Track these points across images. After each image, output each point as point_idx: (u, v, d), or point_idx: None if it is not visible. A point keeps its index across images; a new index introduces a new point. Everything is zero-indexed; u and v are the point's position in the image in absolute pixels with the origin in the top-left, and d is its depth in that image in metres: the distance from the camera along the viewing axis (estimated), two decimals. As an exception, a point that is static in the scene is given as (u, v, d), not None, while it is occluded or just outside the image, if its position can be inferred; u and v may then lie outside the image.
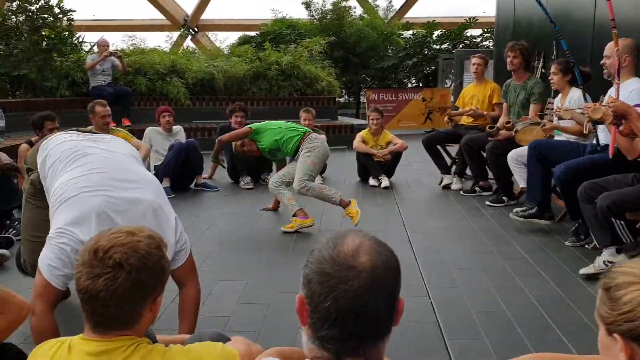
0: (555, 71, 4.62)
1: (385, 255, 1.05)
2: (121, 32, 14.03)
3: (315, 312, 1.02)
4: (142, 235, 1.38)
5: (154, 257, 1.36)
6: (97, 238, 1.36)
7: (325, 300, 0.99)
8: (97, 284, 1.29)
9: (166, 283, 1.43)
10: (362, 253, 1.03)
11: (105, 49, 8.58)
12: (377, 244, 1.07)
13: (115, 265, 1.30)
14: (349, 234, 1.08)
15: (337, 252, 1.03)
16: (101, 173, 2.29)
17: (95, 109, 5.69)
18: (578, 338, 2.66)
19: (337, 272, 1.00)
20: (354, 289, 0.99)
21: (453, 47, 13.49)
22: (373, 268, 1.01)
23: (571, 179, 3.76)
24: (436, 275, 3.53)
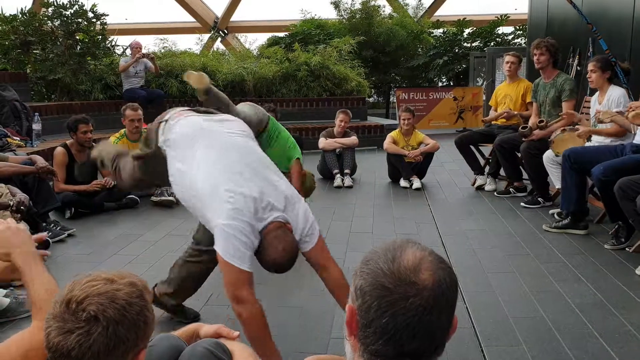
0: (594, 69, 4.48)
1: (447, 272, 1.00)
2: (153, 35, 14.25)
3: (368, 327, 0.97)
4: (122, 283, 1.20)
5: (135, 308, 1.18)
6: (71, 287, 1.18)
7: (382, 316, 0.95)
8: (68, 340, 1.12)
9: (150, 337, 1.24)
10: (424, 269, 0.98)
11: (138, 51, 8.69)
12: (439, 259, 1.02)
13: (89, 318, 1.13)
14: (408, 246, 1.03)
15: (398, 266, 0.98)
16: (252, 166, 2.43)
17: (125, 112, 5.78)
18: (622, 346, 2.57)
19: (398, 288, 0.95)
20: (415, 307, 0.94)
21: (484, 45, 13.28)
22: (435, 286, 0.96)
23: (611, 180, 3.65)
24: (471, 279, 3.46)
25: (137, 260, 3.90)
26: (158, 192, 5.49)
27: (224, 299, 3.20)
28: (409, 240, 1.05)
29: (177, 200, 5.46)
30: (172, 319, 2.96)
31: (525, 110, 5.81)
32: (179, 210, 5.32)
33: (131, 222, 4.91)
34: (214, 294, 3.30)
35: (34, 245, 1.62)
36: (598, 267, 3.60)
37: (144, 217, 5.08)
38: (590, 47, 6.25)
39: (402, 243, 1.03)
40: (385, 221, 4.81)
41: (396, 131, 6.61)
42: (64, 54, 8.83)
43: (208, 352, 1.50)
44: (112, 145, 3.05)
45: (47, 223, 4.42)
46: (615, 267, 3.59)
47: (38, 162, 4.50)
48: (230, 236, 2.22)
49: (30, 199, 4.04)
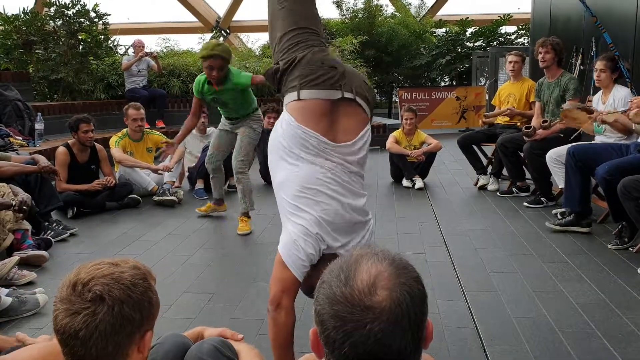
0: (604, 68, 4.42)
1: (408, 286, 0.91)
2: (155, 34, 14.25)
3: (332, 354, 0.91)
4: (126, 266, 1.24)
5: (139, 288, 1.21)
6: (77, 271, 1.22)
7: (342, 347, 0.88)
8: (75, 321, 1.15)
9: (156, 319, 1.28)
10: (379, 288, 0.89)
11: (141, 49, 8.69)
12: (397, 271, 0.92)
13: (95, 298, 1.16)
14: (363, 260, 0.93)
15: (351, 290, 0.89)
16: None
17: (128, 112, 5.80)
18: (624, 346, 2.56)
19: (353, 316, 0.88)
20: (374, 334, 0.87)
21: (487, 45, 13.24)
22: (394, 306, 0.88)
23: (615, 179, 3.63)
24: (474, 279, 3.44)
25: (139, 260, 3.89)
26: (160, 191, 5.49)
27: (225, 300, 3.21)
28: (366, 251, 0.96)
29: (179, 200, 5.48)
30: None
31: (529, 110, 5.79)
32: (181, 210, 5.33)
33: (133, 222, 4.91)
34: (216, 294, 3.29)
35: None
36: (601, 267, 3.58)
37: (146, 217, 5.08)
38: (594, 47, 6.22)
39: (358, 257, 0.95)
40: (388, 221, 4.80)
41: (398, 131, 6.60)
42: (66, 53, 8.84)
43: (214, 349, 1.52)
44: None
45: (50, 222, 4.43)
46: (619, 267, 3.58)
47: (40, 162, 4.50)
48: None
49: (32, 198, 4.04)
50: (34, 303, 3.04)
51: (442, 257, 3.88)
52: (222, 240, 4.31)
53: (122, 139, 5.79)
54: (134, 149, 5.82)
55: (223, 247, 4.15)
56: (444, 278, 3.47)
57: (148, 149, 5.95)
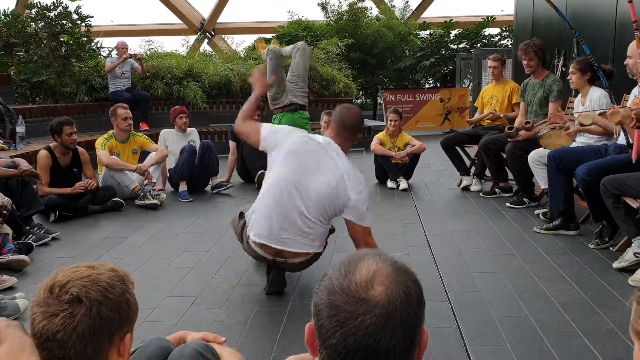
0: (574, 71, 4.54)
1: (405, 286, 0.93)
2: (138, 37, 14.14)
3: (323, 347, 0.92)
4: (103, 269, 1.24)
5: (117, 290, 1.21)
6: (54, 274, 1.22)
7: (333, 337, 0.89)
8: (53, 323, 1.14)
9: (135, 321, 1.27)
10: (377, 283, 0.91)
11: (125, 51, 8.62)
12: (397, 271, 0.94)
13: (72, 300, 1.15)
14: (365, 258, 0.95)
15: (349, 282, 0.91)
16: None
17: (117, 111, 5.77)
18: (604, 344, 2.59)
19: (347, 306, 0.89)
20: (365, 326, 0.88)
21: (471, 47, 13.34)
22: (388, 302, 0.89)
23: (594, 180, 3.68)
24: (457, 279, 3.47)
25: (121, 264, 3.86)
26: (141, 194, 5.45)
27: (208, 303, 3.19)
28: (371, 252, 0.99)
29: (161, 203, 5.44)
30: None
31: (512, 112, 5.84)
32: (164, 213, 5.30)
33: (116, 225, 4.87)
34: (199, 298, 3.28)
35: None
36: (582, 267, 3.63)
37: (129, 220, 5.04)
38: (575, 49, 6.30)
39: (361, 255, 0.97)
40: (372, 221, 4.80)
41: (383, 132, 6.63)
42: (48, 56, 8.74)
43: (196, 353, 1.51)
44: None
45: (31, 226, 4.37)
46: (599, 266, 3.62)
47: (22, 165, 4.45)
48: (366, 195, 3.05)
49: (13, 202, 3.99)
50: (14, 308, 3.00)
51: (425, 257, 3.90)
52: (205, 243, 4.29)
53: (109, 140, 5.75)
54: (120, 150, 5.79)
55: (206, 249, 4.13)
56: (427, 278, 3.48)
57: (133, 150, 5.92)
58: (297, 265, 3.16)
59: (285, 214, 2.99)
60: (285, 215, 3.00)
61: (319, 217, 3.02)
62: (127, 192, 5.55)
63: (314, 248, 3.11)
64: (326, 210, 3.02)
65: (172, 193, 6.02)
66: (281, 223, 3.01)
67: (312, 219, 3.00)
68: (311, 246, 3.08)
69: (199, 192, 6.03)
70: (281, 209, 3.00)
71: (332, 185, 2.98)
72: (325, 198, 2.98)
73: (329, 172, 3.00)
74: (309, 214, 2.99)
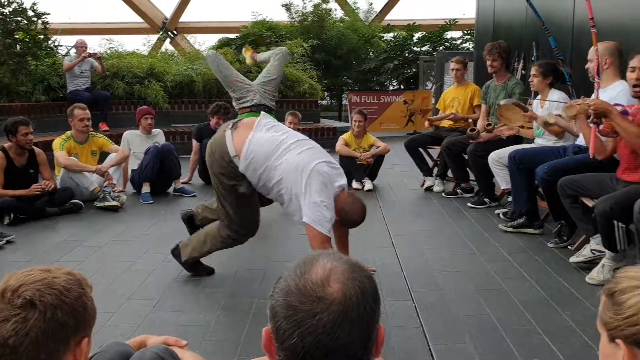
0: (536, 73, 4.62)
1: (360, 282, 0.94)
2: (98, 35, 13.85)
3: (282, 349, 0.92)
4: (59, 272, 1.20)
5: (73, 293, 1.17)
6: (6, 278, 1.17)
7: (291, 337, 0.89)
8: (4, 328, 1.10)
9: (93, 326, 1.22)
10: (332, 281, 0.92)
11: (84, 50, 8.43)
12: (352, 268, 0.95)
13: (25, 304, 1.11)
14: (320, 258, 0.96)
15: (305, 282, 0.92)
16: (313, 148, 3.11)
17: (74, 112, 5.62)
18: (562, 341, 2.64)
19: (304, 305, 0.90)
20: (323, 324, 0.88)
21: (434, 50, 13.54)
22: (345, 298, 0.90)
23: (553, 180, 3.77)
24: (420, 279, 3.50)
25: (80, 267, 3.76)
26: (101, 195, 5.32)
27: (170, 306, 3.14)
28: (324, 252, 0.99)
29: (121, 205, 5.32)
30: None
31: (473, 114, 5.95)
32: (124, 215, 5.19)
33: (74, 228, 4.74)
34: (161, 300, 3.21)
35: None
36: (542, 265, 3.70)
37: (88, 223, 4.92)
38: (535, 52, 6.44)
39: (315, 255, 0.98)
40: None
41: (348, 133, 6.65)
42: (3, 53, 8.45)
43: (157, 357, 1.48)
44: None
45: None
46: (558, 264, 3.71)
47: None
48: (319, 206, 2.91)
49: (-36, 204, 3.84)
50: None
51: (389, 257, 3.92)
52: (167, 245, 4.19)
53: (67, 141, 5.60)
54: (79, 152, 5.64)
55: (168, 252, 4.05)
56: (391, 278, 3.50)
57: (93, 152, 5.78)
58: None
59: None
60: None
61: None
62: (86, 193, 5.42)
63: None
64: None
65: (133, 195, 5.90)
66: None
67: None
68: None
69: (160, 195, 5.93)
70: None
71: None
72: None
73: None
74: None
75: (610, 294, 1.00)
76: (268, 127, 3.20)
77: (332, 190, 2.99)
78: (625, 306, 0.95)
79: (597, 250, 3.52)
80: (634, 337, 0.93)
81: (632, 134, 3.14)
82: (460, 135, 5.64)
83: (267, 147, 3.07)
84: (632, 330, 0.93)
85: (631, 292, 0.95)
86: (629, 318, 0.94)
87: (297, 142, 3.10)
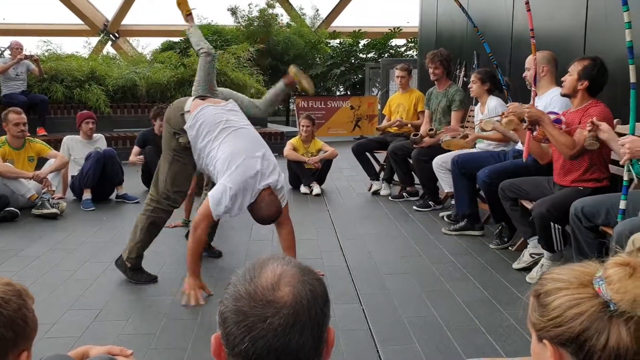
0: (475, 80, 4.80)
1: (311, 285, 0.94)
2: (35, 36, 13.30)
3: (233, 355, 0.91)
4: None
5: (12, 305, 1.12)
6: None
7: (242, 342, 0.88)
8: None
9: (33, 338, 1.18)
10: (283, 285, 0.91)
11: (19, 52, 8.08)
12: (302, 272, 0.95)
13: None
14: (269, 262, 0.97)
15: (255, 286, 0.91)
16: (252, 141, 3.34)
17: (8, 116, 5.38)
18: (505, 339, 2.73)
19: (254, 310, 0.89)
20: (274, 328, 0.88)
21: (379, 56, 13.75)
22: (295, 301, 0.90)
23: (494, 183, 3.90)
24: (367, 282, 3.53)
25: (17, 277, 3.59)
26: (39, 203, 5.11)
27: (114, 316, 3.04)
28: (273, 257, 1.00)
29: (61, 212, 5.13)
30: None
31: (417, 119, 6.08)
32: (64, 222, 5.00)
33: (10, 237, 4.53)
34: (103, 310, 3.11)
35: None
36: (484, 266, 3.81)
37: (25, 231, 4.71)
38: (475, 60, 6.65)
39: (265, 260, 0.98)
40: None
41: (296, 138, 6.66)
42: None
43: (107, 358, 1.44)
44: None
45: None
46: (500, 265, 3.83)
47: None
48: (226, 191, 3.07)
49: None
50: None
51: (337, 261, 3.94)
52: (109, 253, 4.08)
53: (1, 147, 5.34)
54: (15, 158, 5.40)
55: (110, 260, 3.93)
56: (339, 282, 3.53)
57: (30, 157, 5.54)
58: None
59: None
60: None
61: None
62: (23, 201, 5.19)
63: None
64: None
65: (73, 201, 5.70)
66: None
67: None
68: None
69: (102, 201, 5.74)
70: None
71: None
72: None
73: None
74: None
75: (536, 296, 1.03)
76: (227, 109, 3.45)
77: (252, 187, 3.13)
78: (550, 308, 0.97)
79: (536, 254, 3.66)
80: (559, 338, 0.95)
81: (561, 142, 3.30)
82: (406, 141, 5.75)
83: (212, 119, 3.31)
84: (556, 332, 0.96)
85: (556, 293, 0.98)
86: (553, 319, 0.96)
87: (241, 129, 3.35)
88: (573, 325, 0.93)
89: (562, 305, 0.96)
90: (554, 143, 3.35)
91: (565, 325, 0.94)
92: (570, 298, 0.95)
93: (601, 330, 0.90)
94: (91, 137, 6.03)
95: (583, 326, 0.92)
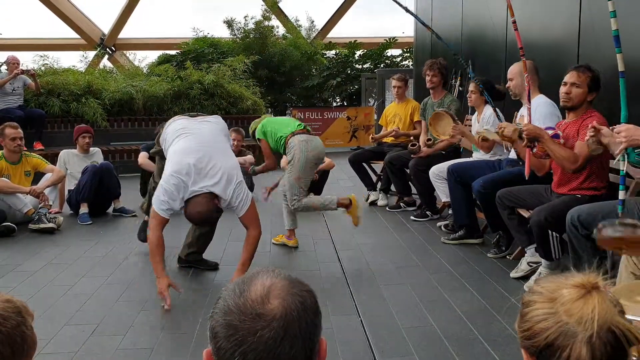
0: (474, 90, 4.79)
1: (300, 297, 0.94)
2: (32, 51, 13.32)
3: None
4: None
5: (10, 322, 1.11)
6: None
7: (232, 357, 0.88)
8: None
9: (32, 356, 1.17)
10: (272, 297, 0.91)
11: (16, 66, 8.10)
12: (291, 284, 0.95)
13: None
14: (259, 276, 0.97)
15: (244, 300, 0.91)
16: (199, 143, 3.48)
17: (5, 131, 5.38)
18: (503, 348, 2.72)
19: (244, 324, 0.89)
20: (264, 341, 0.88)
21: (375, 67, 13.81)
22: (285, 313, 0.90)
23: (489, 193, 3.90)
24: (365, 292, 3.53)
25: (14, 293, 3.56)
26: (35, 217, 5.10)
27: (111, 330, 3.03)
28: (263, 270, 0.99)
29: (58, 227, 5.12)
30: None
31: (413, 129, 6.10)
32: (61, 237, 4.99)
33: (7, 252, 4.52)
34: (100, 325, 3.09)
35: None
36: (482, 275, 3.81)
37: (22, 246, 4.70)
38: (470, 69, 6.68)
39: (254, 273, 0.98)
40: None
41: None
42: None
43: None
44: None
45: None
46: (498, 274, 3.82)
47: None
48: (161, 189, 3.31)
49: None
50: None
51: (335, 272, 3.94)
52: (106, 268, 4.07)
53: (-2, 161, 5.34)
54: (11, 172, 5.39)
55: (107, 274, 3.93)
56: (337, 293, 3.52)
57: (26, 172, 5.54)
58: None
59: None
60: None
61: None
62: (20, 215, 5.18)
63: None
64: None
65: (70, 216, 5.69)
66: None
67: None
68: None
69: (99, 215, 5.73)
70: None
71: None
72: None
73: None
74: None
75: (521, 305, 1.06)
76: (199, 120, 3.74)
77: (186, 184, 3.31)
78: (525, 319, 1.01)
79: (533, 263, 3.66)
80: (531, 349, 0.99)
81: (562, 157, 3.31)
82: (402, 151, 5.77)
83: (175, 128, 3.63)
84: (526, 343, 1.00)
85: (532, 305, 1.01)
86: (525, 331, 1.00)
87: (195, 135, 3.55)
88: (539, 339, 0.96)
89: (533, 318, 0.99)
90: (555, 159, 3.36)
91: (534, 338, 0.98)
92: (540, 312, 0.98)
93: (564, 347, 0.93)
94: (88, 151, 6.04)
95: (548, 340, 0.95)
